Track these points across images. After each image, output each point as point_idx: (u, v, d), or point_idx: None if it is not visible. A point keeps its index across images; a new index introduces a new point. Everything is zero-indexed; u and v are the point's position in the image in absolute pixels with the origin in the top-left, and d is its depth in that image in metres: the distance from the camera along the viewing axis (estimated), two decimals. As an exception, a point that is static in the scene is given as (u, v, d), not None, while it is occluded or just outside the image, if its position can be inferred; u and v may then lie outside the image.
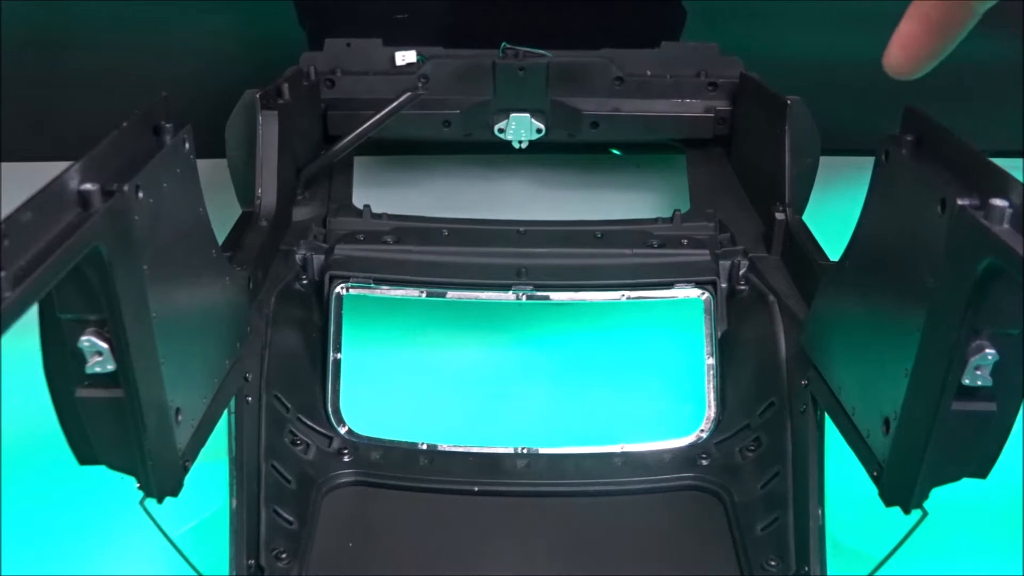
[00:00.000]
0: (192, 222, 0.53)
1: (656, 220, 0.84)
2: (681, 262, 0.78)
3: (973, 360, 0.44)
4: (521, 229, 0.82)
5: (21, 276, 0.34)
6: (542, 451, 0.72)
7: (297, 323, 0.74)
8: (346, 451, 0.70)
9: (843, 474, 0.61)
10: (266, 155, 0.79)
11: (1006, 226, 0.39)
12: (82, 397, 0.46)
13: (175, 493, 0.51)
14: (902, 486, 0.49)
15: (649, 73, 0.97)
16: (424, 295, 0.77)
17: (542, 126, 0.97)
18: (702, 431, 0.72)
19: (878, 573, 0.56)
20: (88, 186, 0.40)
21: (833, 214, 0.75)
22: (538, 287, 0.76)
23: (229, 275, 0.60)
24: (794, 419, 0.64)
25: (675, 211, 0.84)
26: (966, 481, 0.50)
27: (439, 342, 0.85)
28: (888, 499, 0.50)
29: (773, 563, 0.60)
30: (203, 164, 0.54)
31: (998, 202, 0.39)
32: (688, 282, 0.77)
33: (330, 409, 0.72)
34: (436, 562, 0.63)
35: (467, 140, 1.00)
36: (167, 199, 0.48)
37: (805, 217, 0.81)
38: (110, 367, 0.44)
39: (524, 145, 0.98)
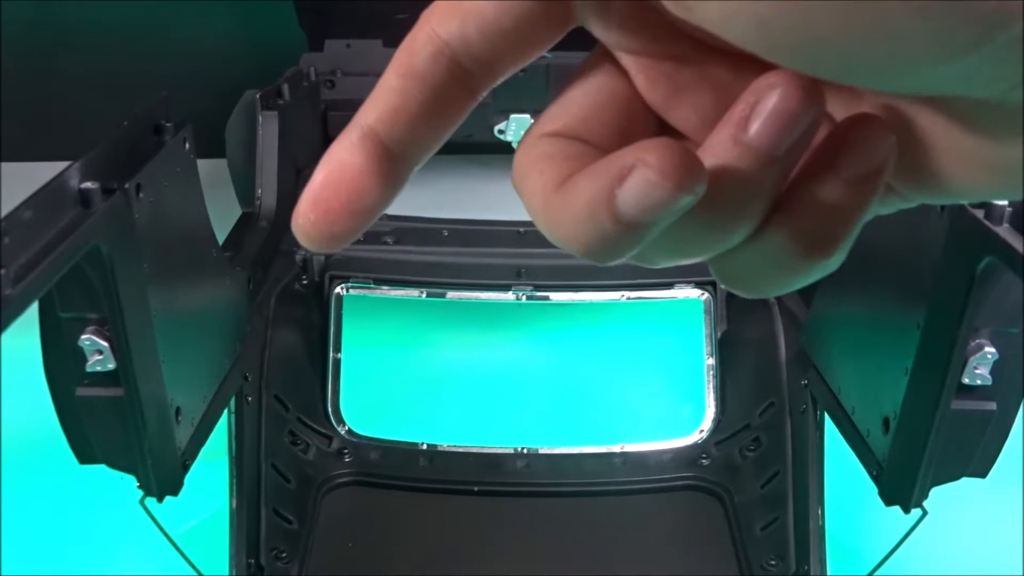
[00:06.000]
0: (192, 222, 0.53)
1: (656, 220, 0.84)
2: None
3: (973, 359, 0.44)
4: (521, 230, 0.82)
5: (22, 274, 0.34)
6: (542, 451, 0.72)
7: (297, 323, 0.74)
8: (346, 451, 0.70)
9: (843, 474, 0.61)
10: (266, 155, 0.79)
11: (1006, 225, 0.39)
12: (82, 396, 0.46)
13: (175, 492, 0.51)
14: (902, 486, 0.49)
15: (649, 73, 0.97)
16: (424, 295, 0.77)
17: (542, 127, 0.97)
18: (702, 431, 0.72)
19: (878, 573, 0.56)
20: (89, 185, 0.40)
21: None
22: (538, 287, 0.76)
23: (229, 275, 0.60)
24: (794, 419, 0.64)
25: (675, 211, 0.84)
26: (966, 481, 0.50)
27: (439, 342, 0.85)
28: (888, 499, 0.50)
29: (773, 563, 0.60)
30: (203, 164, 0.54)
31: (998, 202, 0.39)
32: (688, 282, 0.77)
33: (330, 409, 0.72)
34: (436, 562, 0.63)
35: (467, 140, 0.99)
36: (167, 198, 0.48)
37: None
38: (110, 366, 0.44)
39: (524, 145, 0.97)
